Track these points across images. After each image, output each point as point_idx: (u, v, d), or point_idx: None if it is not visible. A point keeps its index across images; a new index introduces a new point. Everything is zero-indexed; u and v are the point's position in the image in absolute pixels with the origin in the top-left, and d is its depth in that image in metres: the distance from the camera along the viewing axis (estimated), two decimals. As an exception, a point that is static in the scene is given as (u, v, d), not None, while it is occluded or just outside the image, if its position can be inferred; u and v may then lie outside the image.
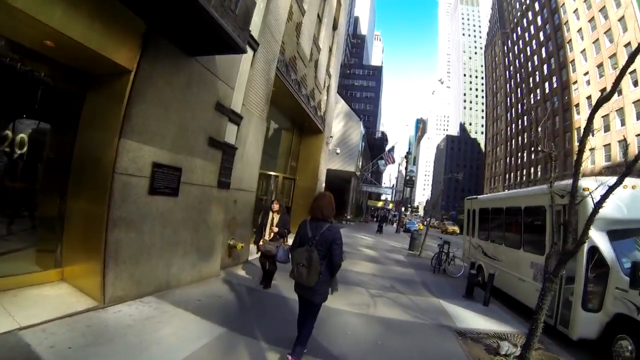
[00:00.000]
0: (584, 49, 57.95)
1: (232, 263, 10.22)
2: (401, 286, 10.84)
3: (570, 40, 61.95)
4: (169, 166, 6.90)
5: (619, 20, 50.77)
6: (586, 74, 57.05)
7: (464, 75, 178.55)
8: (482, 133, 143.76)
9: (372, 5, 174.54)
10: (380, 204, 70.23)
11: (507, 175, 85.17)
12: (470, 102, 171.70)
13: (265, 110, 11.67)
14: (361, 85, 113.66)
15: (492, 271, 9.96)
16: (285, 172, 18.58)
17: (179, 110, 7.03)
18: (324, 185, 22.39)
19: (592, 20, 56.72)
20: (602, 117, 51.24)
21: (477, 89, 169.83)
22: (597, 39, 54.90)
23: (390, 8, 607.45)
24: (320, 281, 4.29)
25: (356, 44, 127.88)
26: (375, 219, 53.37)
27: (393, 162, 49.56)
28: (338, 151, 28.37)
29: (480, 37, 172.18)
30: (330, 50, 21.47)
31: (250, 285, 8.54)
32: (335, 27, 21.68)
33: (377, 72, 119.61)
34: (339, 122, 41.12)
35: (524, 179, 74.25)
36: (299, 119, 18.73)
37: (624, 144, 46.45)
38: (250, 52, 9.63)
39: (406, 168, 47.95)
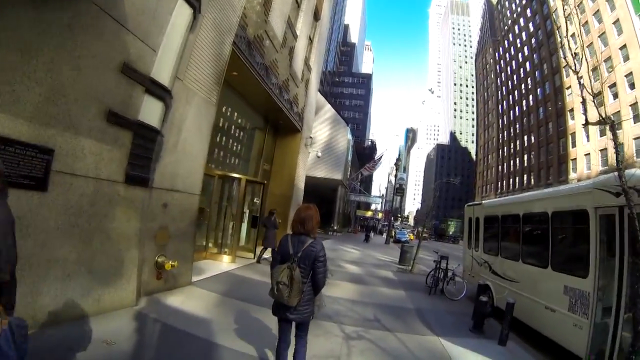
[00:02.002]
0: (578, 53, 56.27)
1: (164, 287, 7.70)
2: (389, 317, 8.31)
3: (563, 45, 60.29)
4: (29, 144, 4.52)
5: (614, 23, 49.26)
6: (580, 78, 55.23)
7: (455, 84, 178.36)
8: (472, 142, 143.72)
9: (362, 14, 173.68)
10: (369, 213, 67.94)
11: (499, 183, 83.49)
12: (461, 110, 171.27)
13: (215, 92, 9.27)
14: (350, 93, 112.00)
15: (511, 299, 7.44)
16: (256, 175, 16.07)
17: (51, 62, 4.66)
18: (302, 192, 19.82)
19: (585, 24, 55.32)
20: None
21: (467, 98, 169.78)
22: (591, 42, 53.41)
23: (381, 19, 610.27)
24: (303, 300, 3.96)
25: (346, 52, 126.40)
26: (363, 229, 50.81)
27: (375, 168, 47.12)
28: (319, 154, 25.99)
29: (471, 47, 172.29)
30: (311, 40, 19.15)
31: (173, 324, 5.96)
32: (317, 17, 19.46)
33: (366, 79, 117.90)
34: (325, 128, 39.13)
35: (517, 186, 72.47)
36: (272, 116, 16.31)
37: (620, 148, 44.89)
38: (186, 8, 7.17)
39: (396, 175, 45.61)
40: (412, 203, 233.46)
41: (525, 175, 71.26)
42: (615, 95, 47.63)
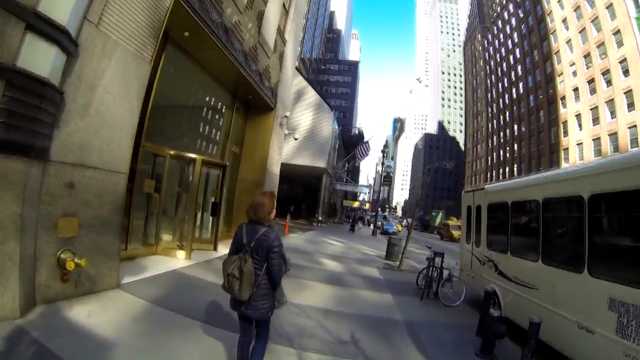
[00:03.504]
0: (570, 39, 55.20)
1: (74, 292, 5.80)
2: (370, 337, 6.28)
3: (555, 30, 59.09)
4: None
5: (607, 7, 47.75)
6: (572, 64, 54.19)
7: (443, 73, 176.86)
8: (461, 131, 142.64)
9: (349, 2, 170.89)
10: (356, 204, 66.13)
11: (489, 174, 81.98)
12: (449, 100, 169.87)
13: (150, 46, 7.23)
14: (336, 80, 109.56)
15: (537, 317, 5.42)
16: (223, 157, 13.91)
17: None
18: (276, 178, 17.68)
19: (577, 9, 53.89)
20: (591, 109, 48.56)
21: (455, 87, 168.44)
22: (584, 28, 52.07)
23: (368, 7, 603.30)
24: (258, 294, 3.66)
25: (331, 39, 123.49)
26: (350, 220, 48.96)
27: (366, 154, 45.25)
28: (296, 136, 23.76)
29: (459, 35, 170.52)
30: (286, 9, 16.98)
31: (55, 348, 4.03)
32: (292, -18, 17.27)
33: (353, 67, 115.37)
34: (307, 113, 37.19)
35: (507, 176, 71.06)
36: (241, 91, 14.12)
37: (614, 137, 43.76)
38: None
39: (383, 163, 43.71)
40: (400, 194, 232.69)
41: (515, 165, 69.88)
42: (609, 82, 46.22)
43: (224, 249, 12.11)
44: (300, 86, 36.86)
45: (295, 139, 24.65)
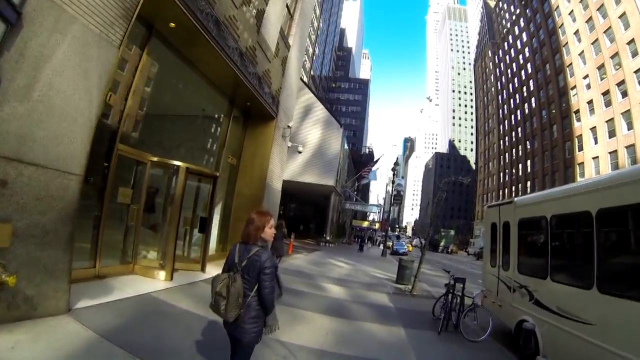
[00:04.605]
0: (582, 51, 54.13)
1: (6, 316, 4.65)
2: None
3: (567, 43, 58.13)
4: None
5: (620, 17, 46.67)
6: (586, 77, 52.97)
7: (453, 91, 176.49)
8: (472, 150, 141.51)
9: (360, 21, 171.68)
10: (366, 223, 64.54)
11: (500, 192, 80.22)
12: (460, 118, 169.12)
13: (119, 28, 6.14)
14: (347, 99, 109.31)
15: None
16: (217, 169, 12.60)
17: None
18: (278, 193, 16.33)
19: (589, 20, 52.87)
20: (607, 122, 47.06)
21: (466, 105, 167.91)
22: (597, 39, 51.00)
23: (378, 28, 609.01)
24: (247, 315, 3.40)
25: (342, 57, 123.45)
26: (358, 240, 47.43)
27: (371, 170, 43.97)
28: (300, 149, 22.53)
29: (469, 53, 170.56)
30: (290, 12, 15.89)
31: None
32: (298, -14, 16.27)
33: (364, 85, 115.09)
34: (315, 130, 36.07)
35: (520, 194, 69.08)
36: (239, 97, 12.95)
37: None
38: None
39: (393, 182, 42.24)
40: (410, 214, 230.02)
41: (528, 182, 68.15)
42: (625, 94, 44.80)
43: (214, 270, 10.76)
44: (309, 102, 35.94)
45: (299, 152, 23.47)
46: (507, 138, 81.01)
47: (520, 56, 76.56)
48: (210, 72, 11.22)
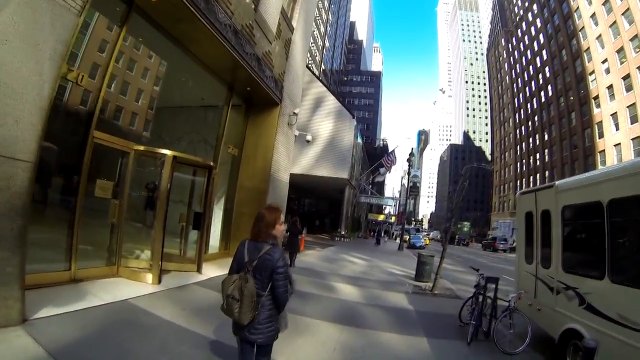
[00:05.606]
0: (600, 35, 51.99)
1: None
2: None
3: (583, 27, 55.98)
4: None
5: (640, -3, 44.45)
6: (604, 61, 50.88)
7: (466, 82, 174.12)
8: (487, 140, 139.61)
9: (370, 14, 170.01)
10: (381, 217, 63.46)
11: (517, 182, 78.18)
12: (473, 109, 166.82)
13: None
14: (359, 92, 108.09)
15: None
16: (216, 160, 11.49)
17: None
18: (285, 186, 15.21)
19: (606, 2, 50.78)
20: (628, 107, 45.17)
21: (479, 96, 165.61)
22: (614, 22, 48.83)
23: (388, 21, 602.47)
24: (262, 316, 3.26)
25: (353, 50, 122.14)
26: (374, 234, 46.46)
27: (393, 163, 42.85)
28: (309, 138, 21.40)
29: (481, 43, 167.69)
30: (292, -7, 14.77)
31: None
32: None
33: (375, 78, 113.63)
34: (327, 122, 34.90)
35: (538, 183, 67.15)
36: (238, 81, 11.91)
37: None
38: None
39: (409, 173, 40.97)
40: (426, 206, 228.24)
41: (546, 172, 66.05)
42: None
43: (212, 271, 9.74)
44: (320, 95, 34.82)
45: (308, 141, 22.34)
46: (523, 127, 78.94)
47: (535, 43, 74.24)
48: (203, 53, 10.19)
